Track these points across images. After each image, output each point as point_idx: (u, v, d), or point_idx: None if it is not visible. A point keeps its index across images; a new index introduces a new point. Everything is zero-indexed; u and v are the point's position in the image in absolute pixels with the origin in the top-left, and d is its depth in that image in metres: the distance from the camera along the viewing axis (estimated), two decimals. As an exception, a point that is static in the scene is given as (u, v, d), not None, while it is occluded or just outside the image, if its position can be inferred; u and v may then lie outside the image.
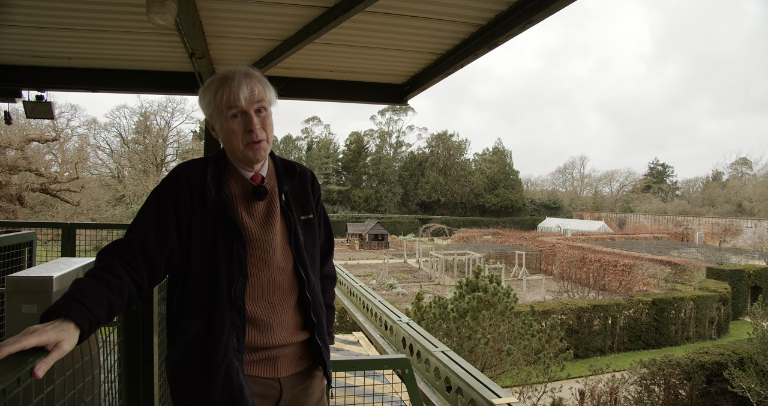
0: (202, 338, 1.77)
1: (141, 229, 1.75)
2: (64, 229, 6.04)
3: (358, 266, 38.34)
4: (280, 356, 1.92)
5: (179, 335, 1.81)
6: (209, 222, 1.82)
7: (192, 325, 1.79)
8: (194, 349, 1.78)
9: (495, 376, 11.08)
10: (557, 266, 35.37)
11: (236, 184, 1.93)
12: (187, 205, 1.81)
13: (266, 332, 1.87)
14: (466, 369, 4.09)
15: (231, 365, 1.75)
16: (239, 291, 1.80)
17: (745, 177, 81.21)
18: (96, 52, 4.86)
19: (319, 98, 5.86)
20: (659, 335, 21.09)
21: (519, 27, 3.56)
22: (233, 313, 1.78)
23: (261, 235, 1.90)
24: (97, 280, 1.55)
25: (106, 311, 1.50)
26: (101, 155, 54.16)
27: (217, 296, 1.78)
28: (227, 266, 1.79)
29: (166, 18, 2.99)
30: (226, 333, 1.76)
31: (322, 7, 3.73)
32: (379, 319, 6.66)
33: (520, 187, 78.81)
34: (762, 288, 25.94)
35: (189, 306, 1.81)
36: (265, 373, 1.89)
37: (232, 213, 1.83)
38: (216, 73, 1.94)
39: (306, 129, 79.45)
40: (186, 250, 1.81)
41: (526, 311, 12.55)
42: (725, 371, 12.50)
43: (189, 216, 1.81)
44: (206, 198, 1.83)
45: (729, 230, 55.13)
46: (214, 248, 1.80)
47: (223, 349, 1.75)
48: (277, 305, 1.91)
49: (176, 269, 1.85)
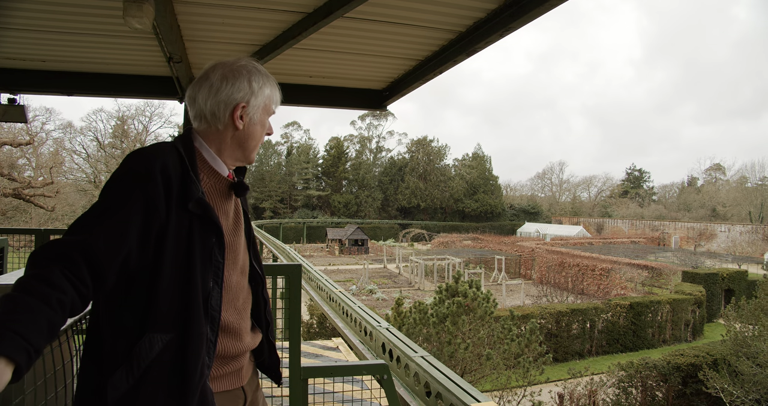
0: (169, 356, 1.50)
1: (90, 231, 1.42)
2: (37, 235, 5.92)
3: (337, 272, 38.26)
4: (244, 362, 1.80)
5: (139, 352, 1.47)
6: (185, 224, 1.56)
7: (157, 341, 1.49)
8: (159, 370, 1.49)
9: (475, 380, 11.12)
10: (536, 270, 35.62)
11: (208, 179, 1.71)
12: (162, 210, 1.51)
13: (236, 338, 1.74)
14: (445, 374, 4.10)
15: (206, 385, 1.55)
16: (216, 302, 1.60)
17: (718, 182, 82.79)
18: (71, 55, 4.80)
19: (298, 104, 5.85)
20: (636, 338, 21.33)
21: (497, 34, 3.59)
22: (207, 326, 1.58)
23: (233, 237, 1.75)
24: (31, 296, 1.25)
25: (46, 334, 1.23)
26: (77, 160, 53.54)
27: (192, 307, 1.54)
28: (204, 274, 1.57)
29: (143, 22, 2.96)
30: (203, 349, 1.54)
31: (301, 12, 3.73)
32: (359, 324, 6.64)
33: (499, 192, 79.45)
34: (735, 291, 26.40)
35: (154, 319, 1.51)
36: (233, 385, 1.75)
37: (214, 215, 1.61)
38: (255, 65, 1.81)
39: (286, 134, 79.23)
40: (150, 258, 1.51)
41: (506, 316, 12.62)
42: (700, 372, 12.70)
43: (163, 223, 1.52)
44: (189, 197, 1.56)
45: (704, 234, 56.09)
46: (190, 253, 1.55)
47: (200, 368, 1.53)
48: (242, 309, 1.79)
49: (132, 276, 1.52)
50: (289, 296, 3.04)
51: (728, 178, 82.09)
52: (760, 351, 10.85)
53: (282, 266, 3.09)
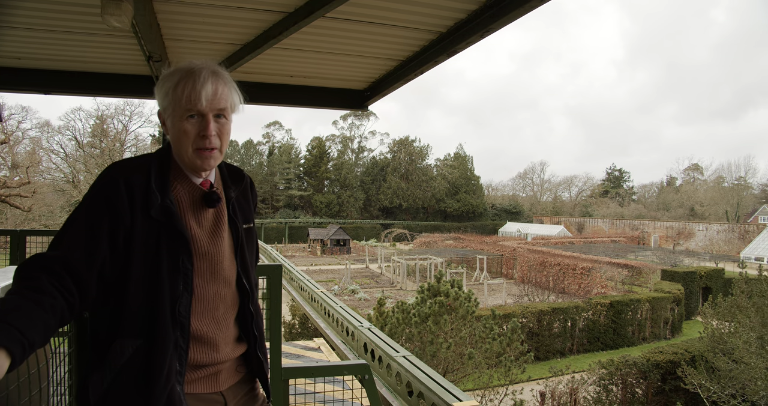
0: (139, 361, 1.56)
1: (67, 245, 1.51)
2: (12, 236, 5.80)
3: (320, 272, 38.19)
4: (222, 369, 1.79)
5: (111, 357, 1.56)
6: (152, 232, 1.60)
7: (127, 346, 1.56)
8: (130, 374, 1.55)
9: (457, 380, 11.16)
10: (518, 269, 35.87)
11: (183, 189, 1.73)
12: (126, 215, 1.57)
13: (211, 349, 1.73)
14: (427, 373, 4.11)
15: (173, 390, 1.57)
16: (184, 309, 1.62)
17: (696, 182, 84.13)
18: (48, 53, 4.72)
19: (279, 103, 5.82)
20: (617, 336, 21.58)
21: (477, 35, 3.61)
22: (176, 332, 1.60)
23: (209, 246, 1.74)
24: (25, 299, 1.32)
25: (42, 332, 1.30)
26: (55, 159, 52.67)
27: (159, 313, 1.57)
28: (171, 281, 1.60)
29: (121, 20, 2.93)
30: (168, 355, 1.57)
31: (282, 12, 3.71)
32: (341, 325, 6.64)
33: (481, 192, 79.96)
34: (712, 289, 26.88)
35: (124, 325, 1.57)
36: (208, 388, 1.75)
37: (179, 222, 1.63)
38: (177, 67, 1.74)
39: (267, 134, 78.98)
40: (122, 264, 1.57)
41: (488, 315, 12.67)
42: (678, 369, 12.86)
43: (128, 228, 1.57)
44: (150, 205, 1.60)
45: (682, 233, 56.94)
46: (157, 260, 1.59)
47: (166, 373, 1.56)
48: (221, 319, 1.78)
49: (109, 284, 1.58)
50: (270, 296, 3.03)
51: (706, 178, 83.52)
52: (735, 347, 11.03)
53: (263, 267, 3.07)
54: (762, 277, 11.97)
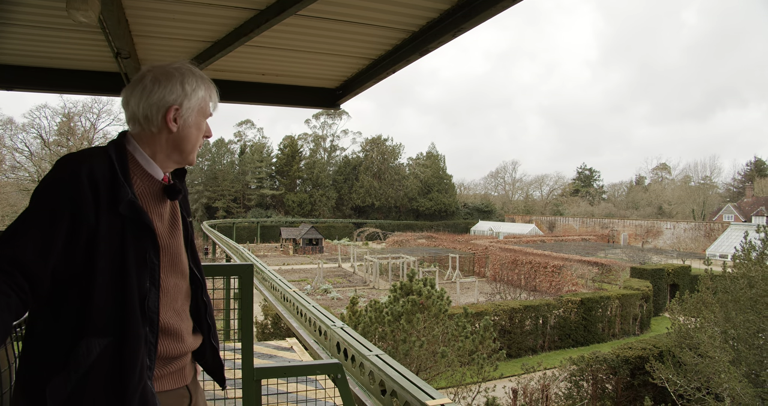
0: (108, 359, 1.52)
1: (16, 242, 1.46)
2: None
3: (292, 271, 38.04)
4: (187, 362, 1.85)
5: (76, 357, 1.49)
6: (117, 227, 1.57)
7: (95, 345, 1.51)
8: (98, 374, 1.51)
9: (430, 378, 11.20)
10: (490, 268, 36.19)
11: (142, 183, 1.72)
12: (90, 211, 1.52)
13: (177, 340, 1.77)
14: (400, 372, 4.12)
15: (146, 387, 1.57)
16: (153, 304, 1.62)
17: (664, 181, 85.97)
18: (11, 48, 4.59)
19: (251, 102, 5.77)
20: (587, 333, 21.92)
21: (450, 34, 3.63)
22: (146, 328, 1.59)
23: (169, 239, 1.77)
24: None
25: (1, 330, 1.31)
26: (19, 158, 51.33)
27: (128, 310, 1.55)
28: (139, 277, 1.59)
29: (88, 15, 2.86)
30: (141, 351, 1.56)
31: (254, 9, 3.68)
32: (314, 324, 6.62)
33: (453, 191, 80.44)
34: (679, 285, 27.55)
35: (91, 323, 1.52)
36: (176, 384, 1.79)
37: (146, 217, 1.62)
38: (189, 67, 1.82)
39: (239, 132, 78.26)
40: (80, 261, 1.53)
41: (460, 313, 12.74)
42: (647, 364, 13.11)
43: (92, 224, 1.53)
44: (119, 200, 1.56)
45: (650, 231, 58.14)
46: (123, 256, 1.57)
47: (138, 370, 1.54)
48: (182, 311, 1.82)
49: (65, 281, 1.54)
50: (242, 296, 3.00)
51: (673, 178, 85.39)
52: (701, 342, 11.28)
53: (234, 266, 3.05)
54: (726, 274, 12.29)
